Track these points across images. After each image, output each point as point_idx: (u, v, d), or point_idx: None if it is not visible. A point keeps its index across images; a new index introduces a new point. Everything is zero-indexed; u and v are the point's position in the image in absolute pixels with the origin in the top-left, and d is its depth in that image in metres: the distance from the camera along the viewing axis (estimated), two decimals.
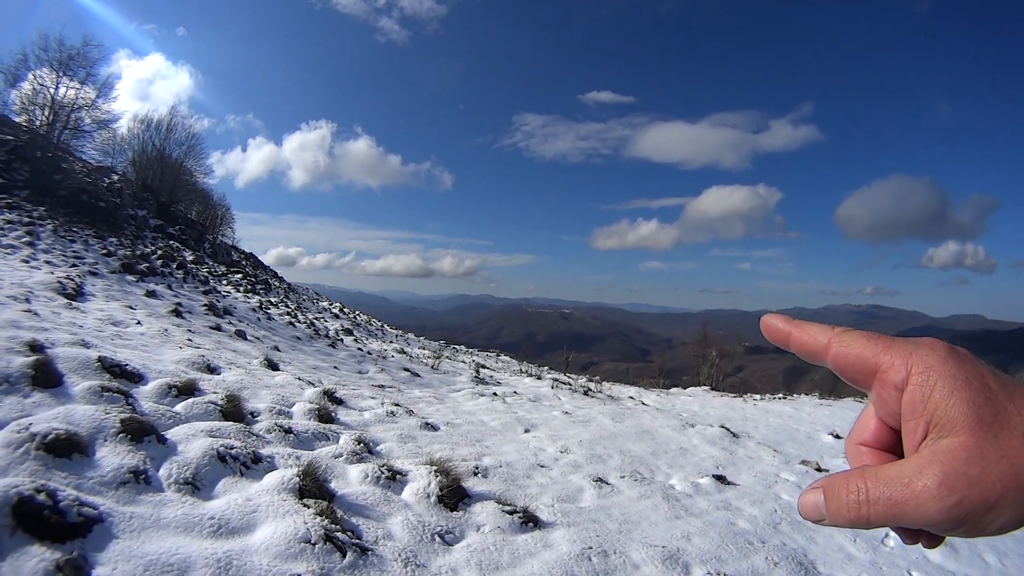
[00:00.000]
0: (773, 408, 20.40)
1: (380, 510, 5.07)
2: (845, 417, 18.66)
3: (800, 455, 11.55)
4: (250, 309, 23.48)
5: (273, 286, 41.50)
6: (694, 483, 8.39)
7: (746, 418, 17.12)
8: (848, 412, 20.37)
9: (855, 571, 6.08)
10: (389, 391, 12.59)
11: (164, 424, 5.63)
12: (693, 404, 20.62)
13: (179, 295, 19.79)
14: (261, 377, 9.99)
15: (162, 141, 45.98)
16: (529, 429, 10.70)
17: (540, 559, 4.89)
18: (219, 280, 30.10)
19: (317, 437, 6.94)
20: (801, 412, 19.40)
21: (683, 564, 5.40)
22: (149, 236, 32.61)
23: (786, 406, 21.28)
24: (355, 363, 17.02)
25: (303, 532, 3.99)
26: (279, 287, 44.12)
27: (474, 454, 8.05)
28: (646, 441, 10.92)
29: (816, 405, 22.33)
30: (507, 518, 5.50)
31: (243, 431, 6.05)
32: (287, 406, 8.14)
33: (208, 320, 16.39)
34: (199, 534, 3.80)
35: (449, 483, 5.78)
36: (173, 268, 25.41)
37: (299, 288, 54.80)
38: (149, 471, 4.41)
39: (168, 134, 46.38)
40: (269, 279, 45.88)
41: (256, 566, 3.58)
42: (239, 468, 4.97)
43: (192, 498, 4.32)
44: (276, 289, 40.72)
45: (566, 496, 6.92)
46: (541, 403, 14.47)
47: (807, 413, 19.21)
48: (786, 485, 9.15)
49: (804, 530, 7.09)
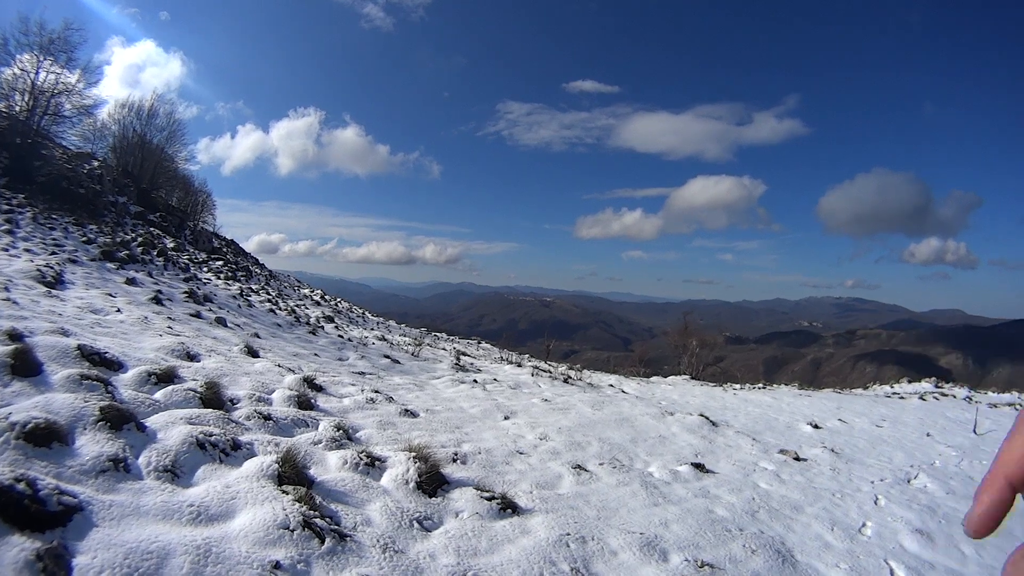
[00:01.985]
0: (753, 398, 20.51)
1: (359, 496, 5.11)
2: (824, 408, 18.78)
3: (779, 444, 11.62)
4: (231, 296, 23.38)
5: (254, 273, 41.28)
6: (673, 471, 8.43)
7: (726, 407, 17.20)
8: (827, 403, 20.51)
9: (832, 559, 6.13)
10: (369, 378, 12.59)
11: (143, 412, 5.64)
12: (673, 393, 20.69)
13: (159, 282, 19.65)
14: (241, 364, 9.99)
15: (143, 126, 45.52)
16: (509, 416, 10.74)
17: (518, 545, 4.93)
18: (200, 267, 29.90)
19: (296, 424, 6.96)
20: (780, 402, 19.52)
21: (661, 551, 5.45)
22: (129, 223, 32.32)
23: (765, 396, 21.42)
24: (335, 350, 16.99)
25: (282, 518, 4.02)
26: (260, 274, 43.85)
27: (453, 441, 8.08)
28: (625, 429, 10.99)
29: (795, 396, 22.48)
30: (486, 504, 5.53)
31: (222, 418, 6.06)
32: (267, 393, 8.15)
33: (188, 307, 16.30)
34: (178, 521, 3.83)
35: (428, 469, 5.81)
36: (153, 255, 25.20)
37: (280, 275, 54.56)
38: (128, 459, 4.42)
39: (149, 119, 45.90)
40: (250, 266, 45.61)
41: (235, 552, 3.61)
42: (218, 455, 4.99)
43: (171, 485, 4.34)
44: (257, 276, 40.50)
45: (545, 483, 6.97)
46: (521, 390, 14.52)
47: (786, 403, 19.31)
48: (764, 474, 9.21)
49: (782, 518, 7.15)
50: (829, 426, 14.88)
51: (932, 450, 12.84)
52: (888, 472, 10.26)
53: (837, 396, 24.28)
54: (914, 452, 12.37)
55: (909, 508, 8.16)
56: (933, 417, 18.51)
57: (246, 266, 42.63)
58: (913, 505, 8.33)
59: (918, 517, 7.78)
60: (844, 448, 11.95)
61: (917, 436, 14.57)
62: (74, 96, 32.93)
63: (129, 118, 44.68)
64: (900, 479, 9.86)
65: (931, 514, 7.99)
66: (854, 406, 20.02)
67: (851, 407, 19.64)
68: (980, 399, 24.26)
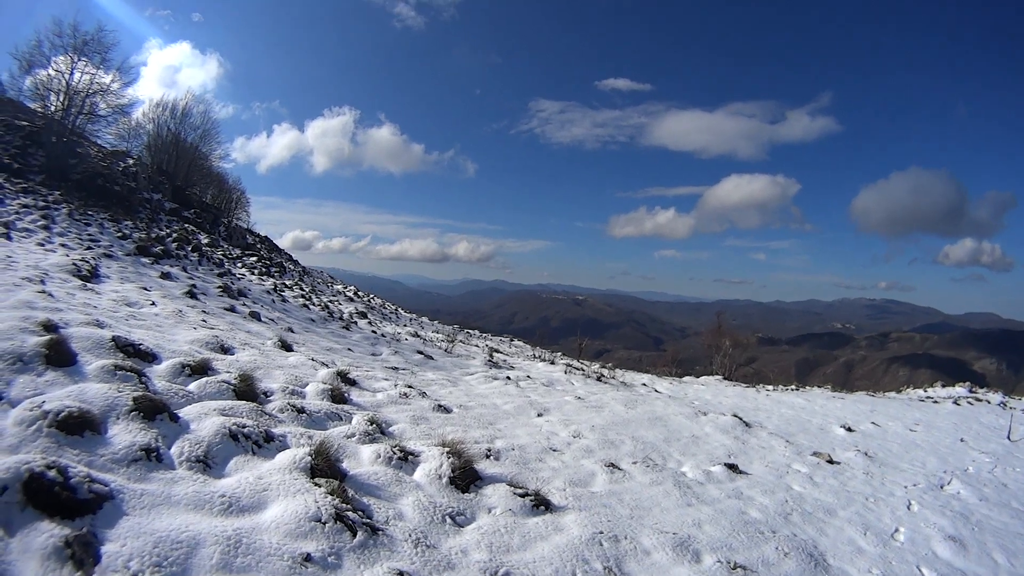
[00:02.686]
0: (785, 399, 20.29)
1: (391, 490, 5.10)
2: (857, 411, 18.55)
3: (812, 447, 11.49)
4: (264, 291, 23.52)
5: (288, 269, 41.50)
6: (706, 471, 8.36)
7: (758, 408, 17.03)
8: (860, 406, 20.25)
9: (865, 565, 6.04)
10: (402, 373, 12.61)
11: (177, 403, 5.66)
12: (706, 393, 20.54)
13: (194, 277, 19.83)
14: (275, 358, 10.04)
15: (177, 125, 45.90)
16: (542, 413, 10.70)
17: (551, 542, 4.89)
18: (234, 263, 30.12)
19: (330, 417, 6.97)
20: (813, 404, 19.30)
21: (694, 551, 5.40)
22: (164, 219, 32.70)
23: (798, 398, 21.18)
24: (369, 345, 17.04)
25: (313, 511, 4.00)
26: (294, 270, 44.08)
27: (486, 437, 8.07)
28: (658, 428, 10.92)
29: (828, 398, 22.21)
30: (519, 501, 5.51)
31: (256, 410, 6.08)
32: (300, 386, 8.16)
33: (222, 302, 16.43)
34: (209, 511, 3.83)
35: (461, 465, 5.79)
36: (188, 251, 25.46)
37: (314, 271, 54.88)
38: (161, 449, 4.44)
39: (183, 118, 46.27)
40: (284, 262, 45.87)
41: (266, 544, 3.60)
42: (251, 447, 5.00)
43: (203, 476, 4.35)
44: (291, 272, 40.71)
45: (578, 480, 6.93)
46: (554, 388, 14.48)
47: (819, 405, 19.10)
48: (797, 476, 9.10)
49: (815, 521, 7.06)
50: (862, 429, 14.66)
51: (966, 456, 12.60)
52: (921, 477, 10.08)
53: (870, 399, 23.95)
54: (948, 457, 12.15)
55: (942, 514, 8.00)
56: (967, 422, 18.20)
57: (280, 262, 42.86)
58: (946, 511, 8.17)
59: (951, 524, 7.63)
60: (877, 452, 11.76)
61: (951, 441, 14.32)
62: (109, 96, 33.37)
63: (164, 117, 45.16)
64: (933, 484, 9.68)
65: (964, 521, 7.83)
66: (887, 409, 19.74)
67: (884, 410, 19.37)
68: (1015, 405, 23.79)
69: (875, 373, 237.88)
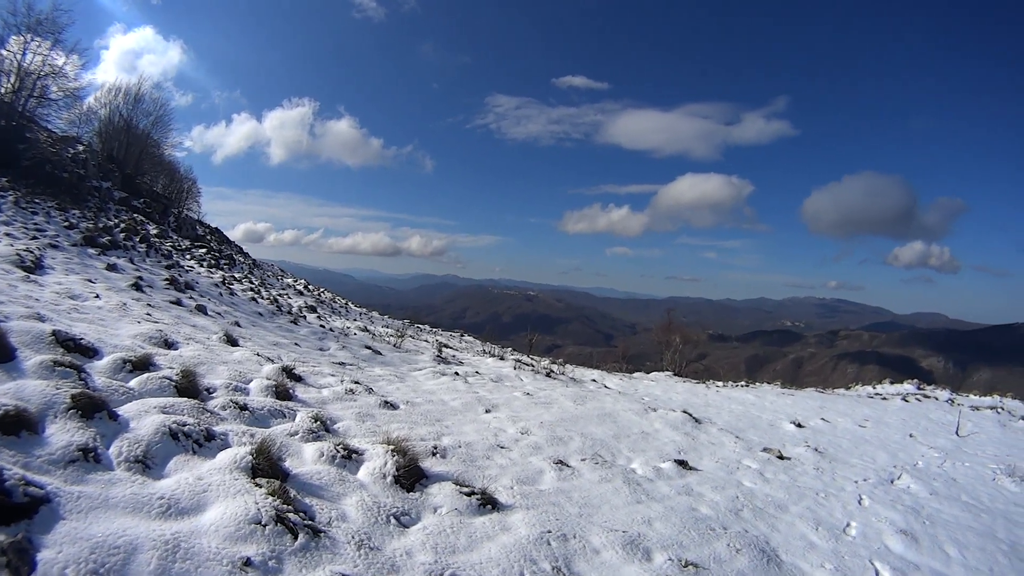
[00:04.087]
0: (735, 395, 20.57)
1: (335, 490, 5.04)
2: (807, 407, 18.88)
3: (762, 442, 11.66)
4: (213, 284, 23.16)
5: (238, 261, 40.94)
6: (656, 467, 8.42)
7: (708, 404, 17.25)
8: (809, 402, 20.62)
9: (817, 559, 6.13)
10: (350, 369, 12.50)
11: (116, 400, 5.53)
12: (656, 389, 20.73)
13: (141, 269, 19.40)
14: (219, 353, 9.87)
15: (129, 111, 44.50)
16: (490, 409, 10.68)
17: (498, 542, 4.88)
18: (182, 254, 29.59)
19: (273, 414, 6.87)
20: (763, 400, 19.59)
21: (644, 549, 5.43)
22: (113, 209, 31.88)
23: (748, 394, 21.46)
24: (317, 340, 16.88)
25: (254, 513, 3.94)
26: (244, 263, 43.43)
27: (433, 434, 8.01)
28: (608, 424, 10.97)
29: (778, 394, 22.57)
30: (465, 500, 5.49)
31: (197, 408, 5.96)
32: (244, 382, 8.03)
33: (169, 295, 16.10)
34: (147, 514, 3.75)
35: (406, 463, 5.74)
36: (136, 242, 24.92)
37: (264, 264, 54.29)
38: (99, 449, 4.33)
39: (136, 104, 44.84)
40: (234, 254, 45.21)
41: (205, 548, 3.53)
42: (192, 446, 4.90)
43: (142, 477, 4.26)
44: (240, 264, 40.14)
45: (526, 478, 6.92)
46: (503, 384, 14.46)
47: (769, 401, 19.40)
48: (748, 472, 9.22)
49: (766, 517, 7.16)
50: (812, 425, 14.92)
51: (915, 451, 12.89)
52: (872, 472, 10.29)
53: (820, 395, 24.39)
54: (897, 453, 12.41)
55: (893, 508, 8.18)
56: (915, 418, 18.62)
57: (229, 254, 42.25)
58: (897, 506, 8.35)
59: (902, 518, 7.80)
60: (827, 447, 11.98)
61: (900, 437, 14.63)
62: (61, 79, 32.36)
63: (116, 102, 43.77)
64: (884, 479, 9.88)
65: (915, 515, 8.01)
66: (837, 406, 20.12)
67: (834, 407, 19.75)
68: (962, 401, 24.43)
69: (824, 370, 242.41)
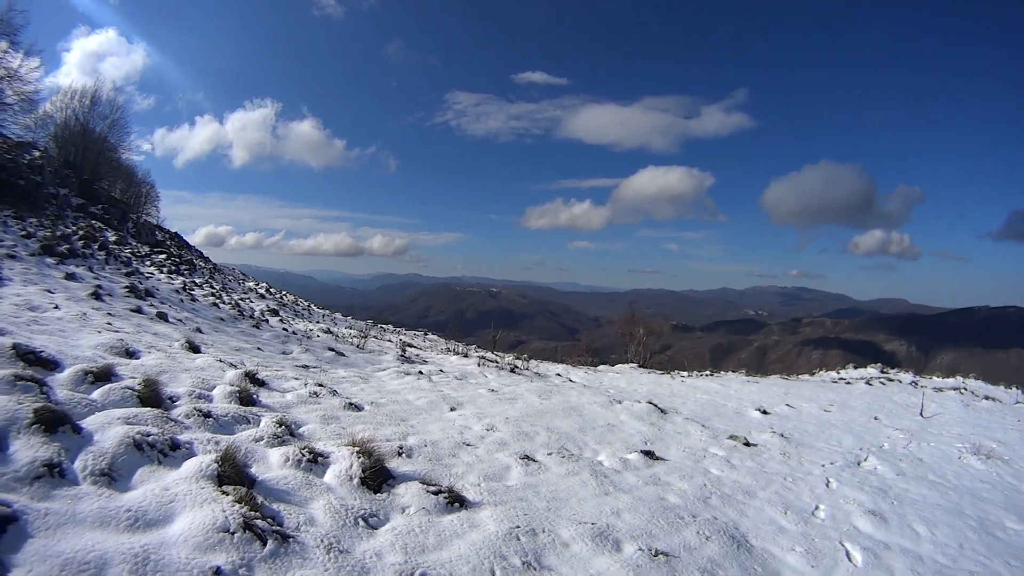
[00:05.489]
0: (700, 384, 20.70)
1: (302, 494, 5.04)
2: (771, 394, 19.03)
3: (728, 430, 11.76)
4: (173, 291, 22.87)
5: (198, 267, 40.45)
6: (622, 459, 8.48)
7: (673, 394, 17.34)
8: (774, 389, 20.80)
9: (787, 543, 6.22)
10: (313, 371, 12.41)
11: (80, 413, 5.49)
12: (620, 381, 20.78)
13: (100, 277, 19.05)
14: (181, 360, 9.76)
15: (86, 114, 43.57)
16: (455, 407, 10.67)
17: (467, 540, 4.91)
18: (142, 261, 29.17)
19: (237, 420, 6.84)
20: (728, 388, 19.75)
21: (614, 540, 5.47)
22: (71, 216, 31.31)
23: (713, 383, 21.62)
24: (279, 344, 16.72)
25: (221, 521, 3.94)
26: (204, 267, 42.92)
27: (398, 434, 7.99)
28: (573, 418, 11.02)
29: (743, 382, 22.74)
30: (432, 498, 5.51)
31: (161, 417, 5.93)
32: (207, 389, 7.96)
33: (129, 303, 15.84)
34: (116, 528, 3.74)
35: (372, 464, 5.75)
36: (95, 249, 24.48)
37: (225, 269, 53.71)
38: (64, 463, 4.31)
39: (92, 107, 43.96)
40: (194, 259, 44.63)
41: (174, 559, 3.54)
42: (156, 456, 4.88)
43: (108, 490, 4.24)
44: (201, 270, 39.67)
45: (493, 474, 6.94)
46: (468, 381, 14.45)
47: (734, 390, 19.54)
48: (715, 460, 9.31)
49: (735, 503, 7.25)
50: (777, 411, 15.10)
51: (880, 433, 13.11)
52: (838, 455, 10.46)
53: (784, 382, 24.63)
54: (863, 435, 12.61)
55: (861, 490, 8.34)
56: (880, 401, 18.91)
57: (190, 259, 41.72)
58: (865, 487, 8.51)
59: (870, 499, 7.96)
60: (793, 433, 12.15)
61: (865, 420, 14.86)
62: (16, 82, 31.43)
63: (73, 105, 42.80)
64: (850, 462, 10.06)
65: (883, 495, 8.18)
66: (801, 391, 20.35)
67: (798, 392, 19.97)
68: (925, 384, 24.81)
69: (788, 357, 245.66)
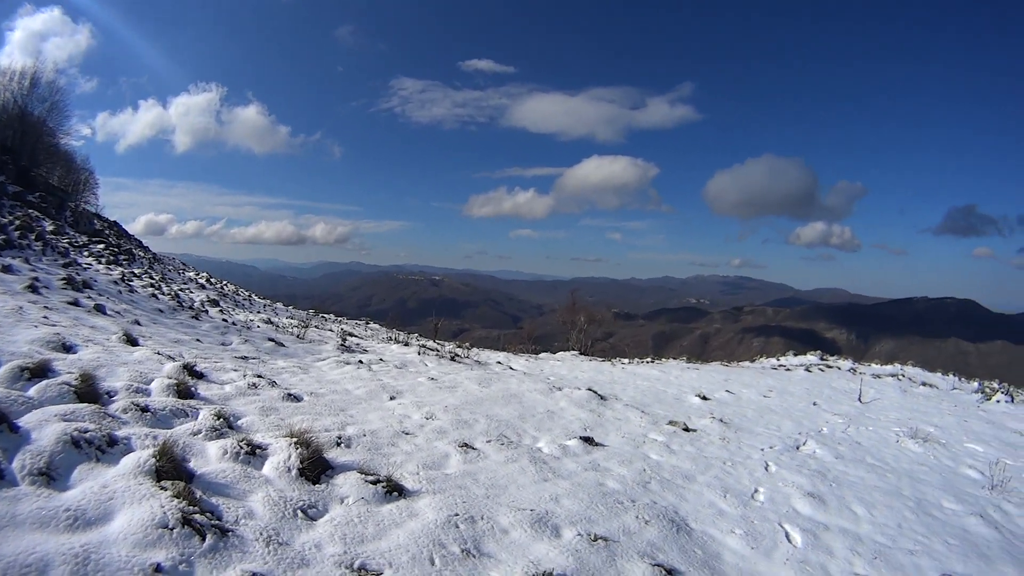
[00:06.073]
0: (641, 372, 21.02)
1: (240, 487, 5.08)
2: (712, 380, 19.44)
3: (668, 416, 11.98)
4: (111, 282, 22.32)
5: (137, 256, 39.41)
6: (562, 445, 8.63)
7: (614, 381, 17.59)
8: (714, 375, 21.21)
9: (727, 526, 6.43)
10: (252, 362, 12.30)
11: (17, 411, 5.42)
12: (562, 368, 21.00)
13: (36, 269, 18.51)
14: (119, 354, 9.60)
15: (24, 97, 41.63)
16: (395, 396, 10.70)
17: (406, 529, 4.99)
18: (80, 251, 28.32)
19: (176, 414, 6.80)
20: (669, 375, 20.08)
21: (553, 526, 5.59)
22: (7, 205, 30.13)
23: (654, 369, 21.96)
24: (219, 335, 16.48)
25: (160, 517, 3.98)
26: (144, 257, 41.79)
27: (337, 424, 8.01)
28: (513, 405, 11.16)
29: (684, 369, 23.13)
30: (371, 488, 5.56)
31: (98, 412, 5.88)
32: (145, 383, 7.88)
33: (66, 295, 15.45)
34: (56, 529, 3.75)
35: (310, 455, 5.79)
36: (31, 240, 23.73)
37: (165, 258, 52.46)
38: (2, 464, 4.28)
39: (32, 89, 41.99)
40: (133, 249, 43.41)
41: (115, 558, 3.56)
42: (95, 453, 4.87)
43: (47, 490, 4.23)
44: (140, 260, 38.64)
45: (432, 463, 7.02)
46: (407, 370, 14.47)
47: (675, 376, 19.89)
48: (655, 445, 9.52)
49: (674, 488, 7.45)
50: (717, 397, 15.43)
51: (819, 418, 13.53)
52: (777, 440, 10.77)
53: (725, 369, 25.09)
54: (802, 420, 13.00)
55: (799, 473, 8.63)
56: (819, 387, 19.45)
57: (129, 249, 40.61)
58: (803, 470, 8.81)
59: (809, 481, 8.25)
60: (733, 418, 12.46)
61: (804, 405, 15.29)
62: None
63: (11, 87, 40.94)
64: (789, 446, 10.37)
65: (821, 478, 8.47)
66: (741, 378, 20.80)
67: (738, 379, 20.41)
68: (864, 370, 25.52)
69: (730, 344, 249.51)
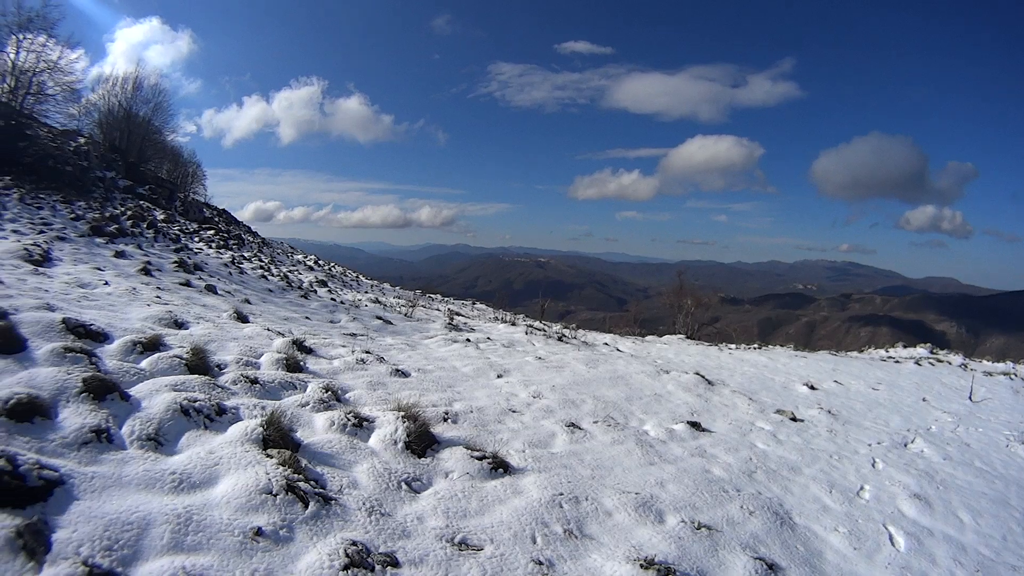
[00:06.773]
0: (748, 358, 20.44)
1: (346, 458, 5.08)
2: (819, 369, 18.72)
3: (775, 404, 11.60)
4: (222, 264, 23.22)
5: (247, 241, 40.95)
6: (668, 429, 8.41)
7: (721, 366, 17.14)
8: (822, 364, 20.46)
9: (831, 523, 6.10)
10: (360, 339, 12.47)
11: (128, 381, 5.57)
12: (668, 352, 20.58)
13: (149, 254, 19.40)
14: (229, 330, 9.91)
15: (128, 100, 44.01)
16: (502, 374, 10.67)
17: (510, 506, 4.89)
18: (190, 237, 29.61)
19: (284, 387, 6.92)
20: (776, 362, 19.47)
21: (656, 511, 5.40)
22: (118, 197, 31.86)
23: (761, 356, 21.33)
24: (327, 313, 16.85)
25: (264, 483, 3.98)
26: (253, 242, 43.47)
27: (444, 400, 8.02)
28: (620, 387, 10.95)
29: (791, 356, 22.41)
30: (476, 464, 5.50)
31: (208, 384, 6.01)
32: (255, 357, 8.08)
33: (178, 277, 16.10)
34: (160, 490, 3.80)
35: (417, 429, 5.76)
36: (143, 228, 24.93)
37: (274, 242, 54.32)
38: (111, 429, 4.38)
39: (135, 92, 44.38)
40: (242, 234, 45.16)
41: (216, 520, 3.58)
42: (203, 421, 4.96)
43: (154, 454, 4.30)
44: (249, 244, 40.17)
45: (538, 441, 6.92)
46: (515, 349, 14.43)
47: (782, 364, 19.27)
48: (761, 434, 9.18)
49: (779, 479, 7.12)
50: (825, 387, 14.84)
51: (928, 415, 12.81)
52: (885, 435, 10.22)
53: (832, 358, 24.21)
54: (911, 416, 12.33)
55: (907, 472, 8.12)
56: (929, 382, 18.48)
57: (238, 234, 42.22)
58: (911, 470, 8.28)
59: (916, 482, 7.74)
60: (841, 410, 11.92)
61: (913, 400, 14.54)
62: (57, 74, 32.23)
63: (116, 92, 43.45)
64: (897, 443, 9.82)
65: (929, 479, 7.95)
66: (850, 368, 19.97)
67: (847, 369, 19.60)
68: (975, 367, 24.18)
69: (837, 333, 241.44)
